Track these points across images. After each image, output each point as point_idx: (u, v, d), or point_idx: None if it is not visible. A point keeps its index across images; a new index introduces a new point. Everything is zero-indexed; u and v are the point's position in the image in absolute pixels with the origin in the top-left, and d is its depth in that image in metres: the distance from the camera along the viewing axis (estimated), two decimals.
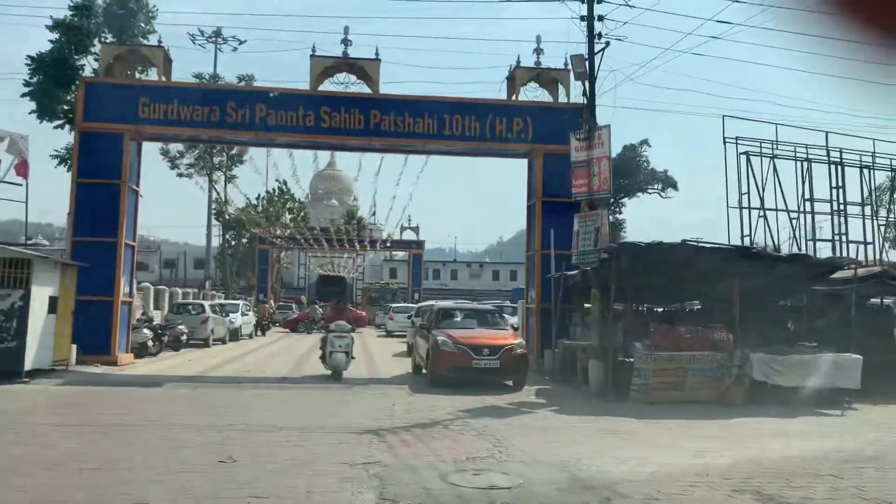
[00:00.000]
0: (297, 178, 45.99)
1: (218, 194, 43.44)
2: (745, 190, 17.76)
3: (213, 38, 42.21)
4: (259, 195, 53.86)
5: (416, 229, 59.35)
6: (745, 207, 17.72)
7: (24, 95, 22.21)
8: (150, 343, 19.73)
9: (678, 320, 15.33)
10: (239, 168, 44.36)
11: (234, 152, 43.54)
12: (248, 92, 17.40)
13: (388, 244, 55.03)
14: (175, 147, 41.59)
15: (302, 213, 63.51)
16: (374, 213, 55.81)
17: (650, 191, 70.11)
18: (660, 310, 17.75)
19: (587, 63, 13.32)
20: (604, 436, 8.97)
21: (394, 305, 39.12)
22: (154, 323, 22.24)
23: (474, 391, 13.02)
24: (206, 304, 26.55)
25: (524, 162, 19.41)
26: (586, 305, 16.79)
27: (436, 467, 6.77)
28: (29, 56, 21.97)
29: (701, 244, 12.64)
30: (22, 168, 17.86)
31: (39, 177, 16.96)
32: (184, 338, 22.94)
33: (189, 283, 49.25)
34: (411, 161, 24.54)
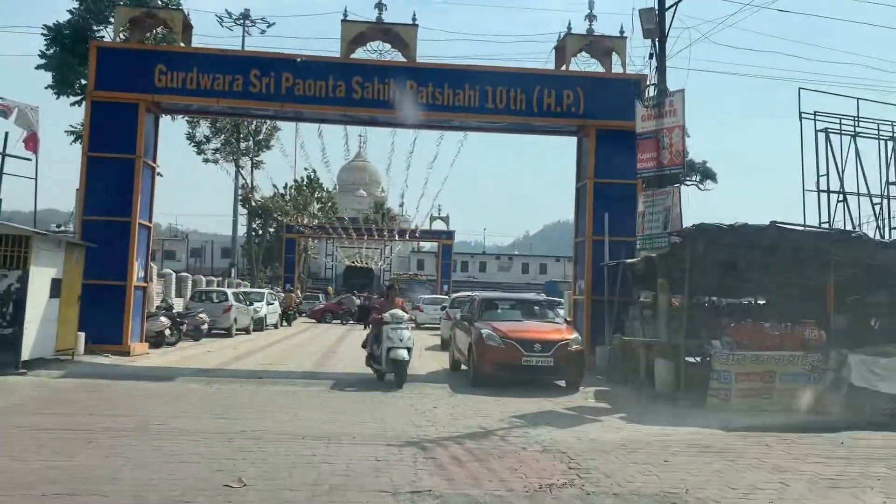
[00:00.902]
0: (328, 161, 43.75)
1: (244, 180, 42.31)
2: (823, 171, 15.85)
3: (241, 21, 40.95)
4: (287, 184, 52.87)
5: (446, 219, 57.83)
6: (823, 191, 15.81)
7: (38, 67, 21.00)
8: (167, 332, 18.41)
9: (755, 315, 13.58)
10: (266, 154, 43.26)
11: (260, 137, 42.47)
12: (274, 60, 15.87)
13: (416, 234, 53.51)
14: (201, 132, 40.87)
15: (330, 203, 62.53)
16: (402, 204, 54.46)
17: (688, 183, 67.88)
18: (724, 303, 15.99)
19: (657, 18, 11.55)
20: (699, 454, 7.30)
21: (424, 297, 37.58)
22: (174, 311, 20.95)
23: (523, 392, 11.43)
24: (230, 292, 25.24)
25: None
26: (643, 298, 15.10)
27: (507, 502, 5.17)
28: (45, 25, 20.78)
29: (793, 226, 10.87)
30: (31, 142, 16.61)
31: (57, 165, 15.66)
32: (205, 327, 21.63)
33: (215, 273, 48.31)
34: (444, 145, 22.80)
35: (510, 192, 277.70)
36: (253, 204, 43.61)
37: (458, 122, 16.91)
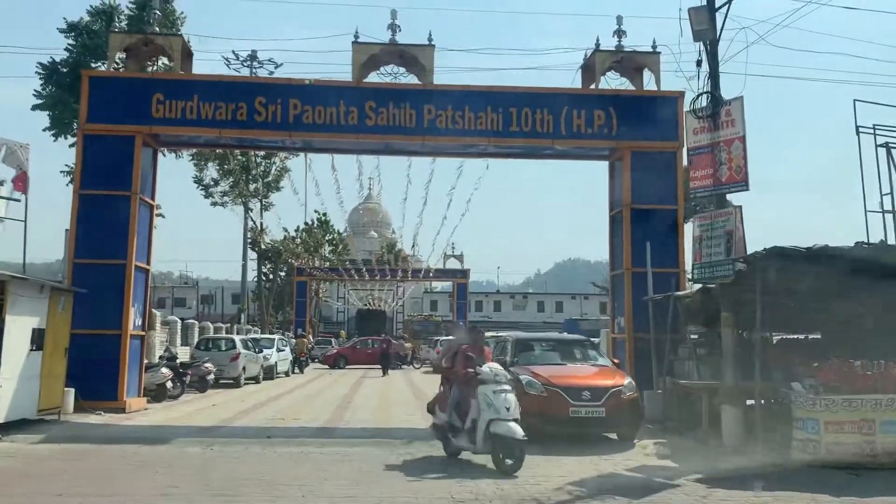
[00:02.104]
0: (341, 199, 42.05)
1: (253, 222, 41.16)
2: (886, 189, 14.32)
3: (249, 62, 40.24)
4: (298, 227, 51.78)
5: (460, 257, 56.27)
6: (887, 211, 14.26)
7: (35, 108, 19.99)
8: (169, 384, 16.95)
9: (822, 351, 11.97)
10: (276, 196, 42.15)
11: (269, 179, 41.45)
12: (281, 85, 14.69)
13: (431, 273, 52.01)
14: (209, 174, 39.88)
15: (341, 246, 61.39)
16: (414, 245, 53.12)
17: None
18: (781, 337, 14.37)
19: (709, 18, 10.24)
20: None
21: (441, 338, 35.95)
22: (177, 361, 19.49)
23: (571, 447, 9.87)
24: (237, 338, 23.79)
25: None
26: (693, 335, 13.54)
27: None
28: (40, 63, 19.79)
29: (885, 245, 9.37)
30: (21, 181, 15.39)
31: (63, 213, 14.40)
32: (211, 377, 20.16)
33: (226, 319, 46.96)
34: (461, 177, 21.53)
35: (521, 230, 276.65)
36: (262, 246, 42.36)
37: (481, 147, 15.59)
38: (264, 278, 48.79)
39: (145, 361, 17.50)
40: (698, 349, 12.90)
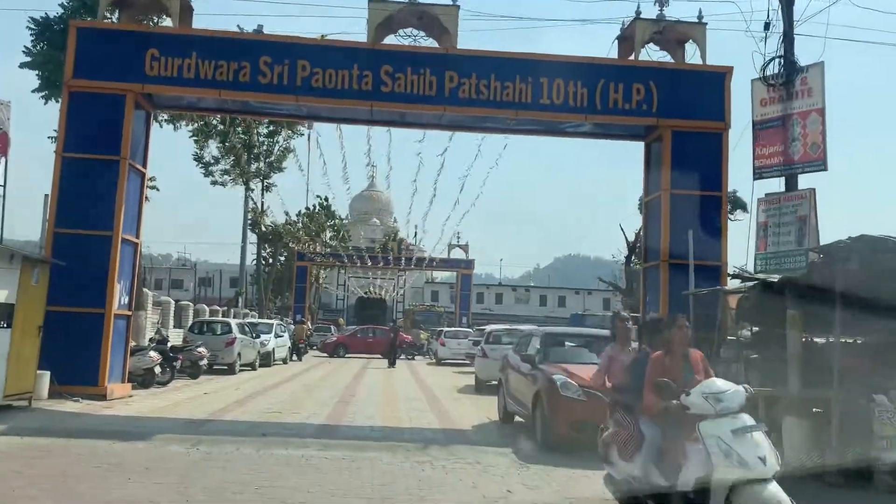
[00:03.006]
0: (346, 171, 38.80)
1: (254, 203, 39.75)
2: None
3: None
4: (299, 211, 50.43)
5: (465, 247, 55.02)
6: None
7: (23, 66, 18.57)
8: (157, 370, 15.61)
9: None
10: (278, 178, 40.78)
11: (272, 159, 40.02)
12: (288, 44, 13.25)
13: (434, 263, 50.68)
14: (209, 153, 38.45)
15: (343, 232, 60.10)
16: (416, 234, 51.57)
17: None
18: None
19: None
20: None
21: (446, 329, 34.66)
22: (168, 344, 18.17)
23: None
24: (233, 322, 22.44)
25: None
26: (744, 332, 12.19)
27: None
28: (31, 19, 18.37)
29: None
30: (1, 142, 14.02)
31: None
32: (204, 363, 18.84)
33: (223, 303, 45.65)
34: (476, 157, 19.90)
35: (521, 223, 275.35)
36: (263, 228, 40.95)
37: (505, 121, 14.19)
38: (264, 262, 47.47)
39: (132, 344, 16.18)
40: (748, 351, 11.57)
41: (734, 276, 13.70)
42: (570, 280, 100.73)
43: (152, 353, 15.46)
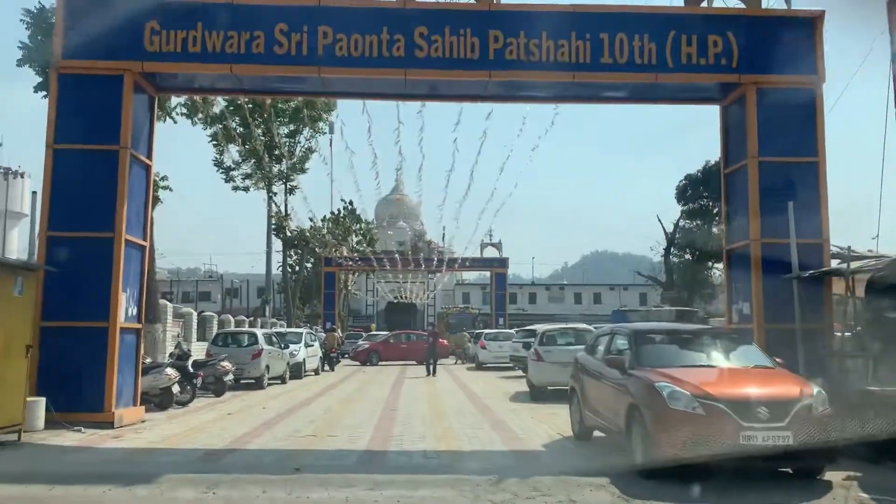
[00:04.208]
0: (375, 159, 33.12)
1: (277, 207, 38.21)
2: None
3: None
4: (324, 216, 48.91)
5: (498, 245, 53.02)
6: None
7: (20, 63, 17.03)
8: (175, 388, 13.91)
9: None
10: (302, 180, 39.23)
11: (294, 160, 38.48)
12: (307, 7, 11.43)
13: (467, 263, 48.70)
14: (230, 157, 37.06)
15: (369, 236, 58.63)
16: (444, 235, 49.69)
17: None
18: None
19: None
20: None
21: (486, 331, 32.73)
22: (190, 359, 16.51)
23: (735, 492, 6.63)
24: (260, 333, 20.72)
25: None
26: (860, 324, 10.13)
27: None
28: (25, 10, 16.81)
29: None
30: None
31: None
32: (228, 378, 17.15)
33: (249, 313, 44.22)
34: (522, 128, 17.67)
35: (548, 219, 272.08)
36: (288, 233, 39.39)
37: (560, 87, 12.23)
38: (290, 269, 45.94)
39: (147, 361, 14.58)
40: (874, 343, 9.52)
41: (835, 257, 11.69)
42: (600, 277, 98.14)
43: (169, 371, 13.76)
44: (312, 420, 12.43)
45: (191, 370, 15.35)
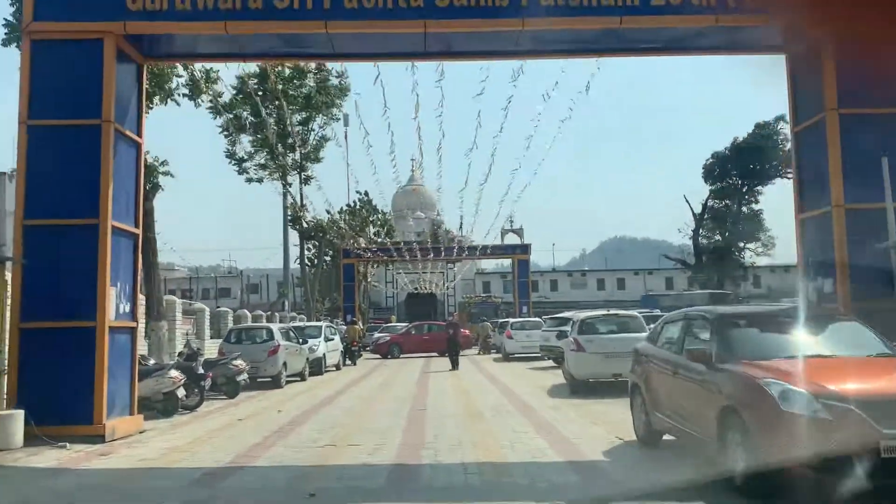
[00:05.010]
0: (391, 131, 26.51)
1: (293, 198, 36.90)
2: None
3: None
4: (341, 208, 47.58)
5: (519, 231, 51.36)
6: None
7: (6, 43, 15.70)
8: (180, 392, 12.56)
9: None
10: (317, 169, 37.91)
11: (308, 150, 37.12)
12: None
13: (488, 250, 47.08)
14: (243, 148, 35.82)
15: (386, 228, 57.41)
16: (461, 225, 48.16)
17: (789, 175, 59.79)
18: None
19: None
20: None
21: (512, 320, 31.23)
22: (200, 358, 15.18)
23: None
24: (275, 328, 19.35)
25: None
26: None
27: None
28: None
29: None
30: None
31: None
32: (242, 378, 15.80)
33: (266, 308, 43.04)
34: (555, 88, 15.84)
35: (566, 206, 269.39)
36: (304, 224, 38.04)
37: (605, 36, 10.62)
38: (309, 263, 44.63)
39: (150, 362, 13.27)
40: None
41: None
42: (620, 263, 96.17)
43: (173, 373, 12.40)
44: (332, 424, 11.01)
45: (200, 371, 14.00)
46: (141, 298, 16.19)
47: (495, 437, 9.45)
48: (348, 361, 26.77)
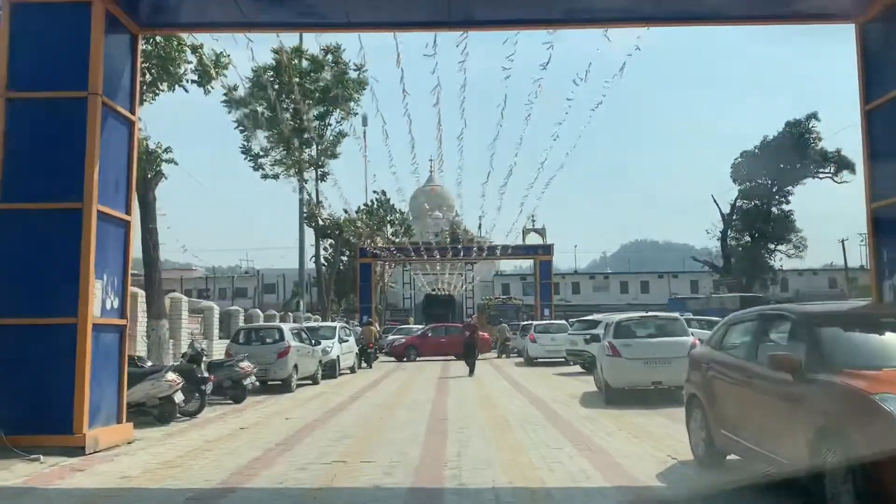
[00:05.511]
0: (408, 112, 24.13)
1: (309, 195, 35.96)
2: None
3: None
4: (358, 207, 46.56)
5: (542, 231, 50.00)
6: None
7: None
8: (178, 397, 11.49)
9: None
10: (334, 166, 36.97)
11: (324, 145, 36.15)
12: None
13: (508, 250, 45.82)
14: (258, 143, 34.96)
15: (404, 227, 56.52)
16: (480, 226, 47.05)
17: (821, 175, 57.97)
18: None
19: None
20: None
21: (536, 323, 30.03)
22: (204, 359, 14.16)
23: None
24: (286, 328, 18.28)
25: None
26: None
27: None
28: None
29: None
30: None
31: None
32: (249, 381, 14.76)
33: (279, 308, 42.14)
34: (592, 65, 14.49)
35: (585, 209, 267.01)
36: (320, 221, 37.06)
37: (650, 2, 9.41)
38: (325, 263, 43.63)
39: (147, 364, 12.25)
40: None
41: None
42: (641, 266, 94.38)
43: (170, 376, 11.32)
44: (344, 435, 9.88)
45: (202, 374, 12.98)
46: (141, 295, 15.28)
47: (528, 454, 8.27)
48: (363, 364, 25.70)
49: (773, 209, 56.27)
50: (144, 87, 14.47)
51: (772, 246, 55.94)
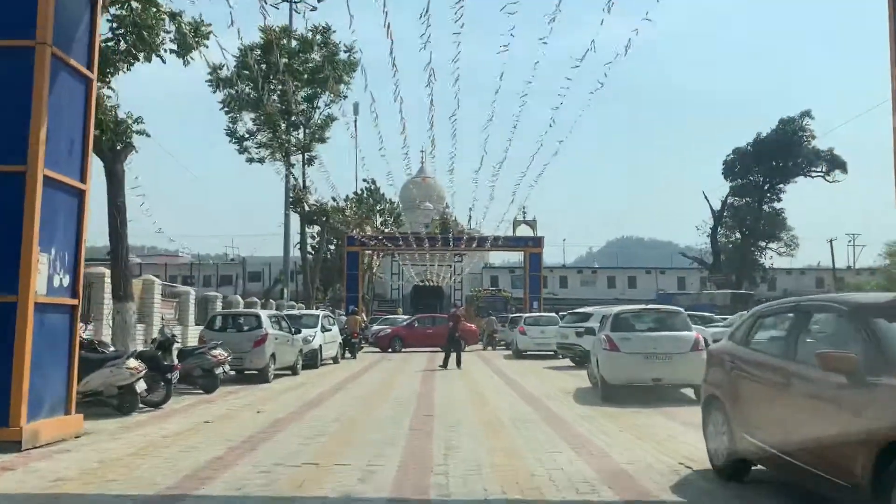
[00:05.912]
0: (399, 92, 23.84)
1: (295, 179, 34.89)
2: None
3: None
4: (347, 196, 45.42)
5: (532, 223, 49.15)
6: None
7: None
8: (140, 386, 10.51)
9: None
10: (323, 152, 35.87)
11: (312, 129, 35.07)
12: None
13: (498, 242, 44.91)
14: (244, 126, 33.88)
15: (393, 217, 55.57)
16: (470, 218, 46.14)
17: (813, 174, 57.48)
18: None
19: None
20: None
21: (526, 315, 29.21)
22: (174, 346, 13.23)
23: None
24: (264, 315, 17.30)
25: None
26: None
27: None
28: None
29: None
30: None
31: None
32: (222, 370, 13.80)
33: (260, 295, 41.05)
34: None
35: (572, 205, 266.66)
36: (307, 207, 35.97)
37: None
38: (310, 251, 42.49)
39: (109, 349, 11.27)
40: None
41: None
42: (627, 262, 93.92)
43: (132, 363, 10.35)
44: (319, 433, 8.96)
45: (170, 361, 12.04)
46: (106, 275, 14.27)
47: (523, 457, 7.37)
48: (347, 354, 24.76)
49: (765, 207, 55.79)
50: (118, 57, 13.49)
51: (762, 244, 55.48)
